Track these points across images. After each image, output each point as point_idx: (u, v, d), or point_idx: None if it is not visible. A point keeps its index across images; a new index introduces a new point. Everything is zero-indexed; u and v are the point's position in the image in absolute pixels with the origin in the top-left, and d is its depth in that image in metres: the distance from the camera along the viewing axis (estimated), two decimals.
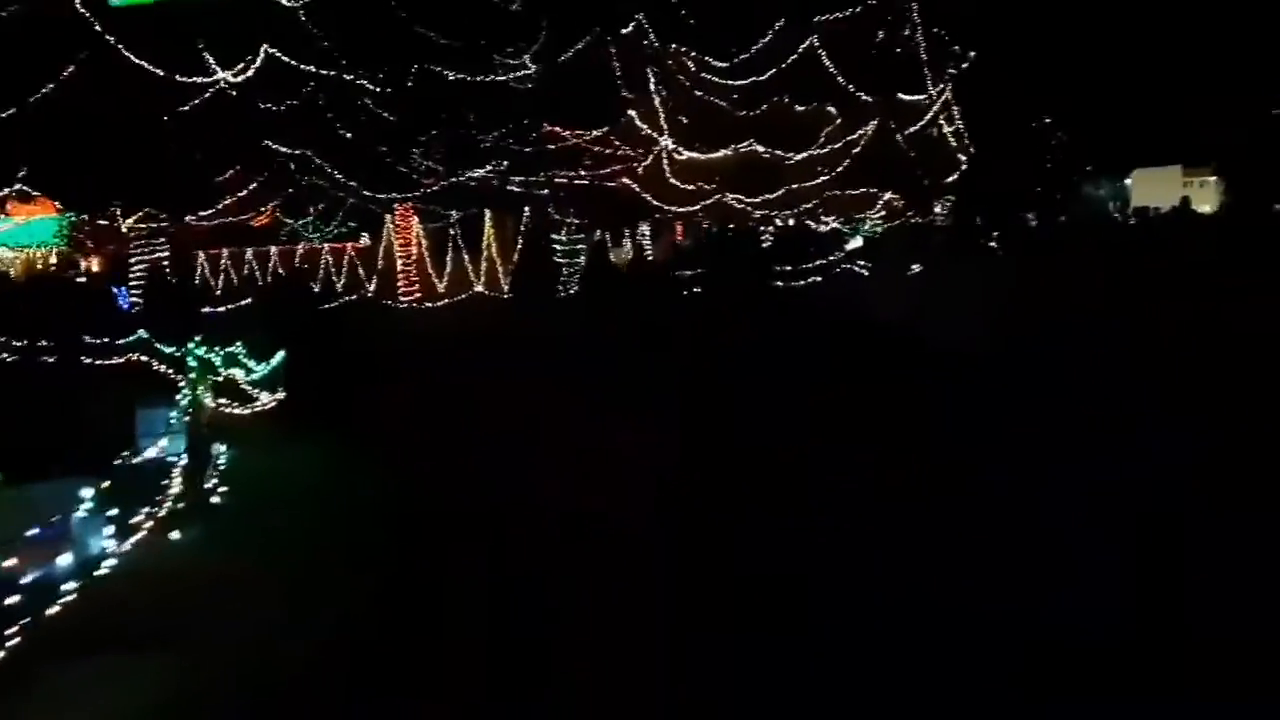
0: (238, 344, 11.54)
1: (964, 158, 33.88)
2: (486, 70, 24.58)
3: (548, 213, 27.62)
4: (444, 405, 11.58)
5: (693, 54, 27.57)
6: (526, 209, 26.41)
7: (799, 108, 27.51)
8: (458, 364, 14.33)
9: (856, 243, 31.31)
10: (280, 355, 11.09)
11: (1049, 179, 40.34)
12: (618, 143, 27.37)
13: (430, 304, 23.38)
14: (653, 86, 26.70)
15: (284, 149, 22.39)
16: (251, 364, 10.90)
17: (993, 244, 31.40)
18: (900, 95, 30.69)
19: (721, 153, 27.63)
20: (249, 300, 22.36)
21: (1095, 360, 11.60)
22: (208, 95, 21.81)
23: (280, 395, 11.01)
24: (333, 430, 10.32)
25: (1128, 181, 40.14)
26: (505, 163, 25.74)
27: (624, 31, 26.34)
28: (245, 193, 24.46)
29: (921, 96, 31.75)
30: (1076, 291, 16.52)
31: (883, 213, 31.83)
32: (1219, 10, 32.89)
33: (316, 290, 24.25)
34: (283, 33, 21.27)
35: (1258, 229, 26.01)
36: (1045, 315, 14.16)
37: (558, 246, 26.22)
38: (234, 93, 21.67)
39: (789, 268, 25.80)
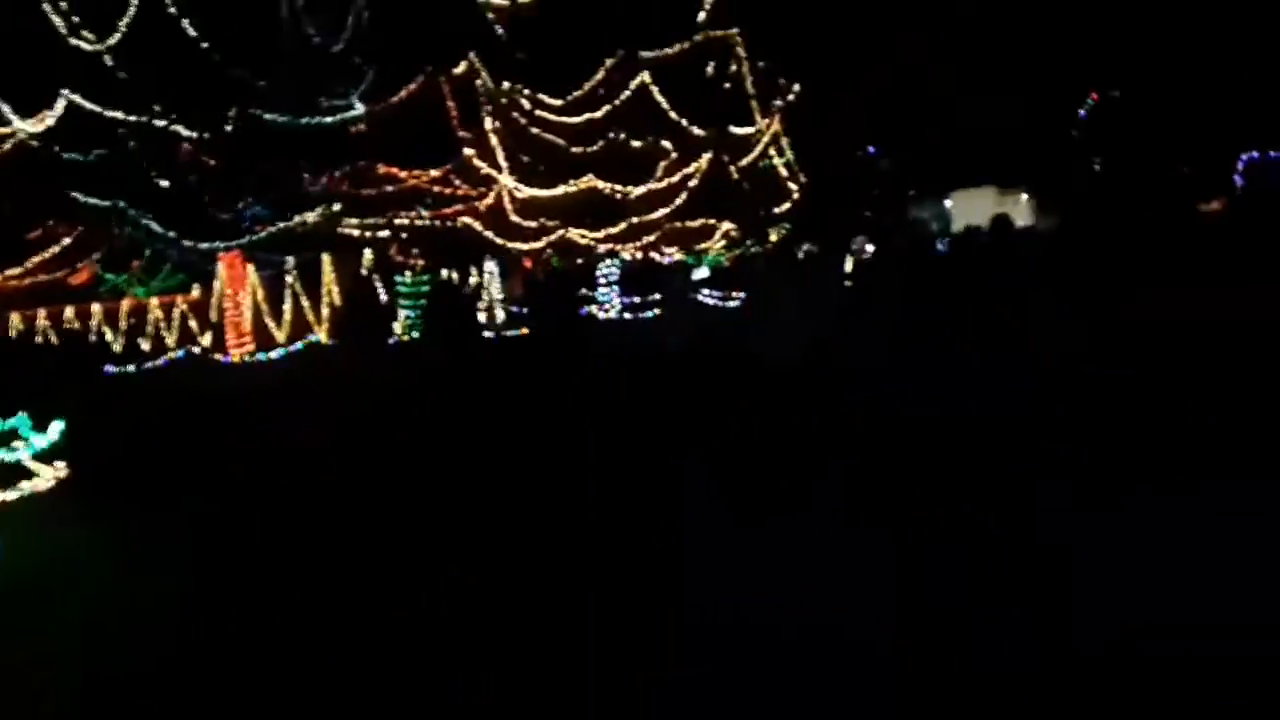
0: (19, 415, 9.97)
1: (795, 187, 34.13)
2: (311, 113, 23.22)
3: (390, 255, 26.33)
4: (264, 473, 10.22)
5: (526, 92, 26.83)
6: (368, 251, 25.07)
7: (634, 143, 27.08)
8: (284, 422, 12.94)
9: (703, 272, 31.02)
10: (59, 425, 9.58)
11: (877, 206, 41.22)
12: (457, 182, 26.33)
13: (262, 356, 21.65)
14: (488, 125, 25.80)
15: (95, 200, 20.44)
16: (25, 437, 9.38)
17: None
18: (731, 128, 30.68)
19: (561, 189, 26.92)
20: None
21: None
22: (6, 147, 19.77)
23: (62, 471, 9.50)
24: (127, 510, 8.88)
25: (948, 203, 41.24)
26: (338, 206, 24.34)
27: (456, 71, 25.40)
28: (57, 249, 22.31)
29: (752, 129, 31.85)
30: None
31: (723, 242, 31.67)
32: (1023, 36, 34.20)
33: (145, 348, 22.27)
34: (86, 78, 19.46)
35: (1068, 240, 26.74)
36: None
37: (402, 289, 24.95)
38: (35, 143, 19.69)
39: (636, 300, 25.20)
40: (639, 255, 27.86)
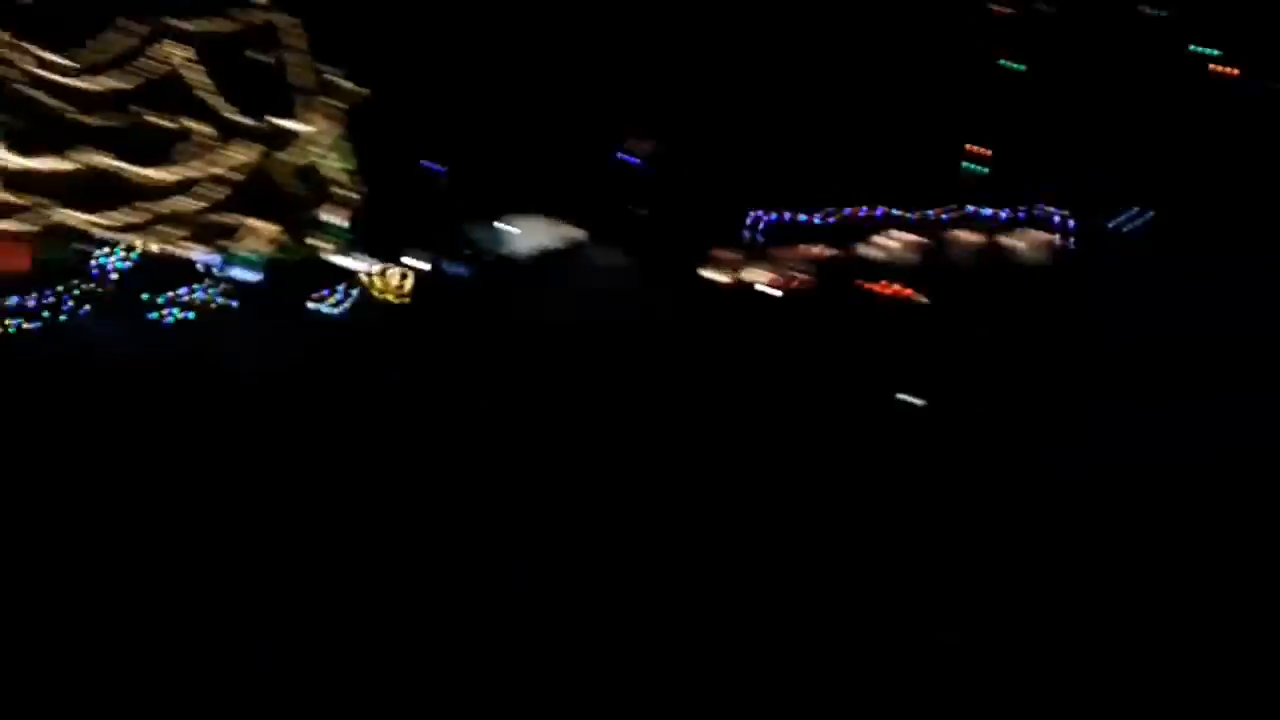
0: None
1: (356, 195, 32.20)
2: None
3: None
4: None
5: (28, 46, 22.30)
6: None
7: (159, 121, 23.50)
8: None
9: (245, 275, 27.89)
10: None
11: (437, 222, 40.47)
12: None
13: None
14: None
15: None
16: None
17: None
18: (283, 123, 28.02)
19: (66, 164, 22.63)
20: None
21: None
22: None
23: None
24: None
25: (507, 228, 41.49)
26: None
27: None
28: None
29: (307, 128, 29.40)
30: None
31: (265, 243, 28.69)
32: (574, 79, 35.05)
33: None
34: None
35: None
36: None
37: None
38: None
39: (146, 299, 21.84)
40: (154, 248, 23.99)
